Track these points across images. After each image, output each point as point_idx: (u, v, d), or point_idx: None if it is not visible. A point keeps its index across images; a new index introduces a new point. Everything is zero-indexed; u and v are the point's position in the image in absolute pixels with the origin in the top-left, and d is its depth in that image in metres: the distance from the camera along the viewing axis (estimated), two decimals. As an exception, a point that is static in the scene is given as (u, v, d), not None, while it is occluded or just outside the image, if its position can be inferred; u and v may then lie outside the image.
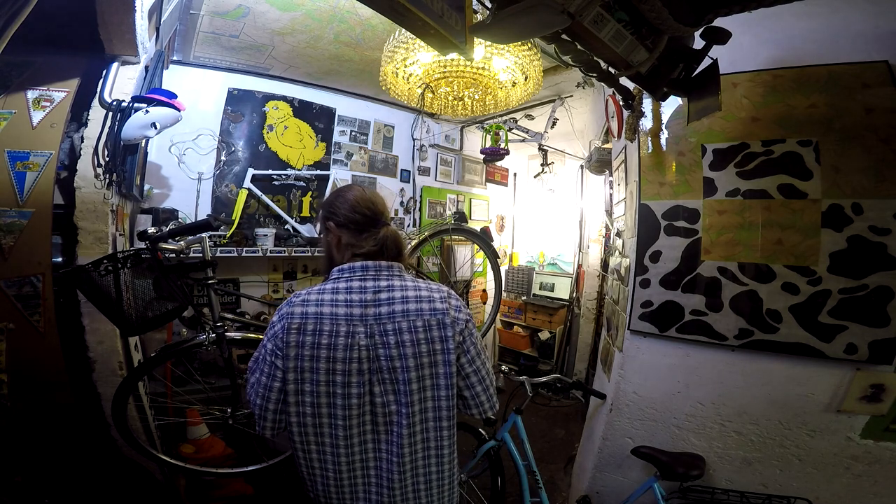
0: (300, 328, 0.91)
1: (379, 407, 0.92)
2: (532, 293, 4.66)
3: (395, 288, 0.95)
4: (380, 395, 0.92)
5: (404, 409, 0.91)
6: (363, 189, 1.07)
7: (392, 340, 0.91)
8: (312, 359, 0.90)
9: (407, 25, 1.10)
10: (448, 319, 0.94)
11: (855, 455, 1.45)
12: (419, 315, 0.93)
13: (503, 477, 1.93)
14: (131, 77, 1.90)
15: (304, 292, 0.96)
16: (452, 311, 0.96)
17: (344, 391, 0.89)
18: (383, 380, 0.91)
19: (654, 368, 1.73)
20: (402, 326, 0.92)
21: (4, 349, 1.64)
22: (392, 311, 0.93)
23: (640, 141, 1.80)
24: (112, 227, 1.85)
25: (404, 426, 0.91)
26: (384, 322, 0.92)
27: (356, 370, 0.90)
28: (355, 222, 1.01)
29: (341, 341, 0.90)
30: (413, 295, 0.95)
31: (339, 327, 0.91)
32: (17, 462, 1.67)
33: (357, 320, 0.91)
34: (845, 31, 1.45)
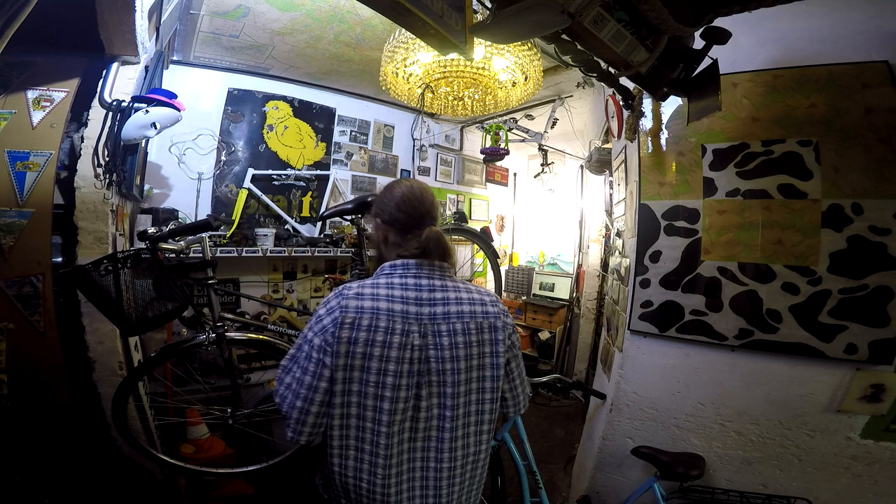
0: (354, 323, 0.85)
1: (422, 411, 0.88)
2: (532, 293, 4.66)
3: (449, 288, 0.93)
4: (425, 399, 0.88)
5: (448, 413, 0.88)
6: (412, 185, 1.01)
7: (446, 342, 0.88)
8: (365, 357, 0.85)
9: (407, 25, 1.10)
10: (499, 323, 0.94)
11: (855, 455, 1.45)
12: (473, 317, 0.91)
13: (503, 477, 1.93)
14: (131, 77, 1.90)
15: (356, 285, 0.92)
16: (502, 315, 0.96)
17: (393, 394, 0.85)
18: (430, 382, 0.88)
19: (654, 368, 1.73)
20: (457, 328, 0.89)
21: (4, 349, 1.64)
22: (447, 312, 0.90)
23: (640, 141, 1.80)
24: (112, 227, 1.85)
25: (446, 430, 0.89)
26: (439, 322, 0.89)
27: (407, 371, 0.86)
28: (400, 221, 0.97)
29: (396, 339, 0.86)
30: (466, 297, 0.93)
31: (394, 324, 0.86)
32: (17, 462, 1.67)
33: (412, 318, 0.88)
34: (845, 31, 1.45)
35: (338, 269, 3.25)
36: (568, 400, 3.77)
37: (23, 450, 1.68)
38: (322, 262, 3.20)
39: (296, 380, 0.89)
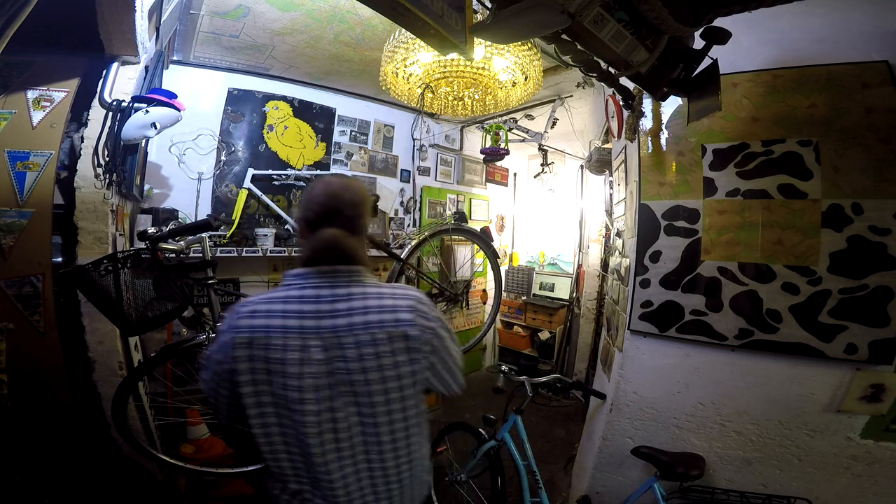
0: (249, 342, 0.84)
1: (342, 422, 0.85)
2: (532, 293, 4.65)
3: (354, 297, 0.86)
4: (342, 410, 0.85)
5: (370, 421, 0.86)
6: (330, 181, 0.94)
7: (352, 354, 0.83)
8: (268, 372, 0.83)
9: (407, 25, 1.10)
10: (415, 331, 0.86)
11: (855, 455, 1.45)
12: (382, 327, 0.84)
13: (503, 477, 1.93)
14: (131, 77, 1.90)
15: (252, 301, 0.89)
16: (420, 319, 0.88)
17: (302, 407, 0.83)
18: (343, 393, 0.84)
19: (654, 368, 1.73)
20: (363, 340, 0.83)
21: (4, 349, 1.64)
22: (352, 324, 0.84)
23: (640, 141, 1.80)
24: (112, 227, 1.85)
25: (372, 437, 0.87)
26: (342, 335, 0.83)
27: (311, 386, 0.83)
28: (308, 220, 0.92)
29: (294, 356, 0.83)
30: (375, 304, 0.86)
31: (290, 341, 0.83)
32: (17, 462, 1.67)
33: (311, 333, 0.83)
34: (845, 31, 1.45)
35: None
36: (568, 400, 3.77)
37: (23, 450, 1.68)
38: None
39: (205, 380, 0.93)
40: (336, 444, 0.85)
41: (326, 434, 0.85)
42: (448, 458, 2.38)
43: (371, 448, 0.88)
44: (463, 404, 3.82)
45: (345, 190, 0.93)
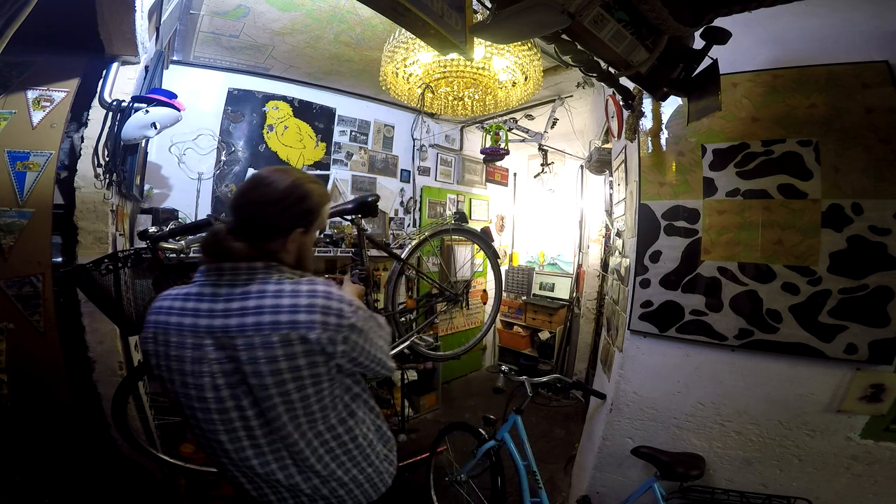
0: (154, 338, 0.85)
1: (252, 419, 0.83)
2: (532, 293, 4.65)
3: (250, 296, 0.82)
4: (249, 409, 0.83)
5: (274, 417, 0.83)
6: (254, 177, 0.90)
7: (244, 356, 0.79)
8: (169, 370, 0.84)
9: (407, 25, 1.10)
10: (314, 334, 0.79)
11: (855, 455, 1.45)
12: (275, 329, 0.79)
13: (503, 477, 1.93)
14: (131, 77, 1.90)
15: (165, 296, 0.89)
16: (325, 318, 0.81)
17: (202, 405, 0.83)
18: (245, 392, 0.82)
19: (654, 368, 1.73)
20: (255, 342, 0.79)
21: (4, 349, 1.64)
22: (243, 324, 0.79)
23: (640, 141, 1.80)
24: (112, 227, 1.85)
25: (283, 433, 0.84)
26: (234, 336, 0.80)
27: (210, 385, 0.81)
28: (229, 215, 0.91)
29: (188, 354, 0.82)
30: (270, 304, 0.80)
31: (185, 339, 0.82)
32: (17, 462, 1.67)
33: (203, 331, 0.81)
34: (845, 31, 1.45)
35: (338, 269, 3.24)
36: (568, 400, 3.77)
37: (23, 450, 1.68)
38: (322, 262, 3.20)
39: None
40: (251, 440, 0.85)
41: (240, 431, 0.84)
42: (448, 458, 2.38)
43: (288, 443, 0.86)
44: (463, 404, 3.82)
45: (255, 188, 0.87)
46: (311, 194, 0.90)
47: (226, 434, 0.84)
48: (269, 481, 0.88)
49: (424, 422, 3.46)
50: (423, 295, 2.57)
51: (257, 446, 0.85)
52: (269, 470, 0.87)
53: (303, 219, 0.90)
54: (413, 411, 3.49)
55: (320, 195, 0.93)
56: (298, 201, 0.88)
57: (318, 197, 0.92)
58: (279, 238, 0.88)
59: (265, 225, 0.86)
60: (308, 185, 0.90)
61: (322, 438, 0.89)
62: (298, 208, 0.88)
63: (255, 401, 0.82)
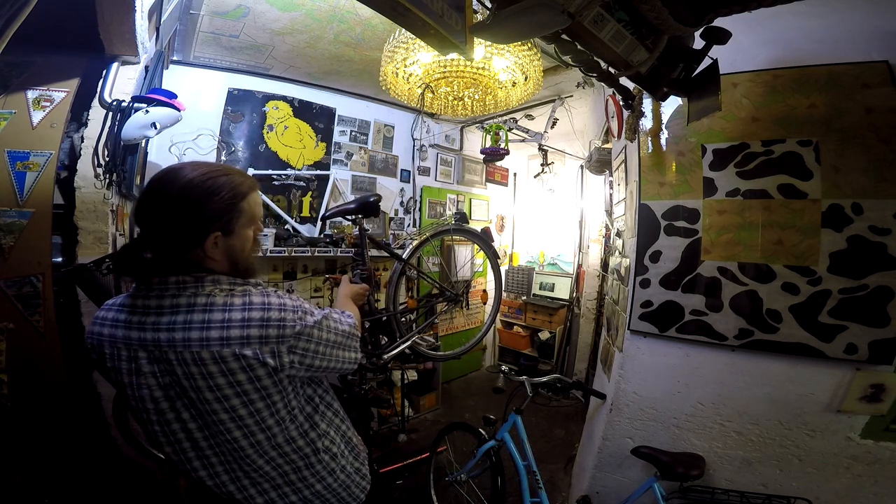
0: (92, 348, 0.82)
1: (196, 432, 0.80)
2: (532, 293, 4.66)
3: (179, 309, 0.76)
4: (192, 421, 0.79)
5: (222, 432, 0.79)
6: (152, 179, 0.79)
7: (179, 371, 0.75)
8: (112, 381, 0.82)
9: (407, 25, 1.10)
10: (249, 350, 0.75)
11: (855, 455, 1.45)
12: (205, 346, 0.74)
13: (503, 477, 1.93)
14: (131, 77, 1.90)
15: (106, 304, 0.84)
16: (257, 331, 0.75)
17: (144, 416, 0.80)
18: (186, 406, 0.78)
19: (654, 368, 1.73)
20: (186, 358, 0.74)
21: (4, 349, 1.64)
22: (171, 340, 0.74)
23: (640, 141, 1.80)
24: (112, 227, 1.85)
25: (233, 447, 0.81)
26: (165, 350, 0.75)
27: (148, 397, 0.78)
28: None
29: (123, 366, 0.78)
30: (199, 319, 0.75)
31: (119, 350, 0.78)
32: (17, 462, 1.67)
33: (136, 344, 0.77)
34: (845, 31, 1.45)
35: (338, 269, 3.25)
36: (568, 400, 3.77)
37: (23, 450, 1.68)
38: (322, 262, 3.20)
39: None
40: (196, 451, 0.82)
41: (184, 443, 0.81)
42: (448, 458, 2.38)
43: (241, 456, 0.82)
44: (463, 404, 3.82)
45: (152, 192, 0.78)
46: (218, 190, 0.78)
47: (169, 446, 0.82)
48: (220, 493, 0.86)
49: (424, 422, 3.46)
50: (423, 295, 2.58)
51: (204, 457, 0.83)
52: (220, 482, 0.84)
53: (215, 220, 0.78)
54: (413, 411, 3.49)
55: (235, 185, 0.81)
56: (201, 202, 0.77)
57: (232, 189, 0.80)
58: (194, 247, 0.78)
59: (171, 235, 0.77)
60: (214, 180, 0.78)
61: (282, 450, 0.84)
62: (205, 210, 0.77)
63: (198, 413, 0.79)
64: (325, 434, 0.91)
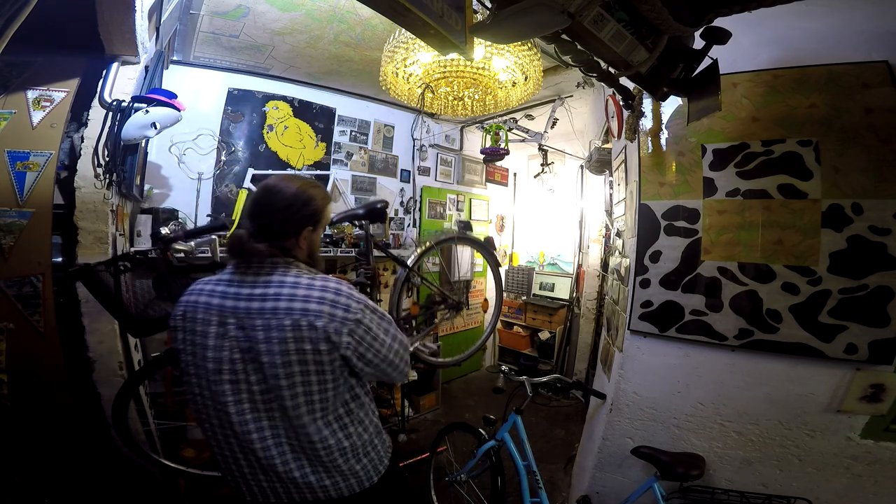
0: (184, 315, 0.99)
1: (258, 395, 0.94)
2: (532, 293, 4.66)
3: (270, 284, 0.96)
4: (257, 384, 0.94)
5: (277, 399, 0.93)
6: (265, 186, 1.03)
7: (260, 336, 0.92)
8: (192, 344, 0.97)
9: (407, 25, 1.10)
10: (320, 322, 0.91)
11: (855, 455, 1.45)
12: (288, 314, 0.91)
13: (503, 477, 1.93)
14: (131, 77, 1.90)
15: (201, 280, 1.04)
16: (329, 308, 0.93)
17: (218, 377, 0.94)
18: (257, 369, 0.93)
19: (654, 368, 1.73)
20: (271, 324, 0.91)
21: (4, 349, 1.64)
22: (262, 308, 0.93)
23: (640, 141, 1.80)
24: (112, 227, 1.85)
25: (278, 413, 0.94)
26: (254, 317, 0.93)
27: (227, 358, 0.93)
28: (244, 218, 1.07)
29: (213, 330, 0.95)
30: (287, 293, 0.94)
31: (210, 316, 0.96)
32: (17, 462, 1.67)
33: (229, 311, 0.95)
34: (845, 31, 1.45)
35: (338, 268, 3.24)
36: (568, 400, 3.77)
37: (23, 450, 1.68)
38: (322, 262, 3.20)
39: None
40: (254, 412, 0.95)
41: (245, 403, 0.94)
42: (448, 458, 2.38)
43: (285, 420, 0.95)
44: (463, 404, 3.82)
45: (267, 195, 1.01)
46: (314, 198, 1.04)
47: (234, 405, 0.94)
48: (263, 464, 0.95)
49: (424, 422, 3.46)
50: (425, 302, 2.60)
51: (258, 420, 0.95)
52: (266, 445, 0.95)
53: (310, 219, 1.04)
54: (413, 411, 3.49)
55: (322, 198, 1.07)
56: (304, 205, 1.02)
57: (321, 200, 1.06)
58: (292, 237, 1.01)
59: (279, 227, 1.00)
60: (310, 191, 1.04)
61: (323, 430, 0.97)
62: (305, 211, 1.02)
63: (264, 378, 0.93)
64: (359, 422, 1.05)
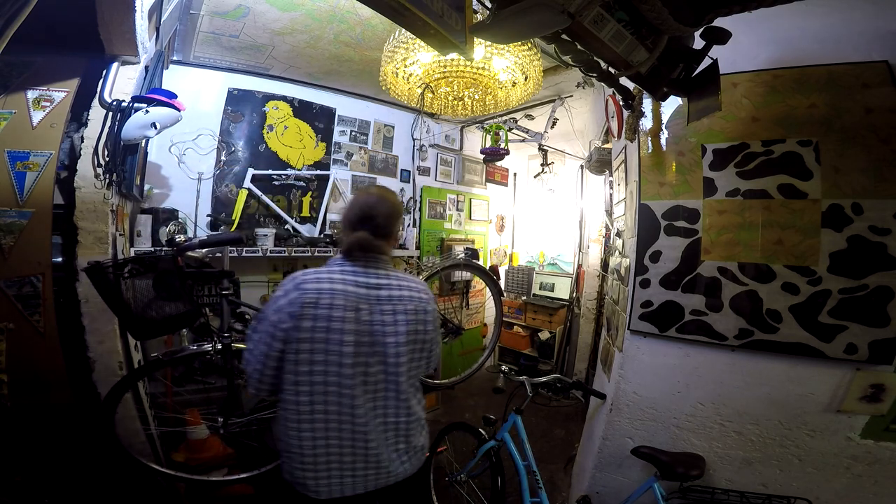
0: (316, 302, 1.04)
1: (371, 376, 1.08)
2: (532, 293, 4.65)
3: (390, 276, 1.15)
4: (374, 365, 1.08)
5: (391, 377, 1.10)
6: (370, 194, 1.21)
7: (389, 319, 1.09)
8: (328, 330, 1.04)
9: (407, 25, 1.10)
10: (429, 307, 1.17)
11: (855, 455, 1.45)
12: (410, 300, 1.14)
13: (503, 477, 1.93)
14: (131, 77, 1.90)
15: (310, 272, 1.10)
16: (430, 302, 1.19)
17: (353, 360, 1.05)
18: (376, 352, 1.08)
19: (654, 368, 1.73)
20: (398, 308, 1.11)
21: (4, 349, 1.64)
22: (390, 296, 1.12)
23: (640, 141, 1.80)
24: (112, 227, 1.85)
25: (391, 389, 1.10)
26: (383, 303, 1.10)
27: (357, 341, 1.06)
28: (349, 221, 1.19)
29: (351, 314, 1.06)
30: (405, 284, 1.16)
31: (349, 302, 1.07)
32: (17, 462, 1.67)
33: (362, 298, 1.09)
34: (845, 31, 1.45)
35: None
36: (568, 400, 3.77)
37: (23, 450, 1.68)
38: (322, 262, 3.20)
39: (254, 346, 1.09)
40: (373, 397, 1.09)
41: (359, 387, 1.07)
42: (448, 458, 2.38)
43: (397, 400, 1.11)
44: (463, 404, 3.82)
45: (380, 203, 1.18)
46: (402, 206, 1.31)
47: (350, 378, 1.05)
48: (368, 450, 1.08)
49: (424, 422, 3.45)
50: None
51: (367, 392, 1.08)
52: (366, 420, 1.07)
53: (400, 223, 1.25)
54: (413, 411, 3.48)
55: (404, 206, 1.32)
56: (400, 211, 1.24)
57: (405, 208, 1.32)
58: (391, 238, 1.20)
59: (385, 230, 1.18)
60: (398, 200, 1.27)
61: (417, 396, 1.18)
62: (399, 216, 1.24)
63: (383, 361, 1.09)
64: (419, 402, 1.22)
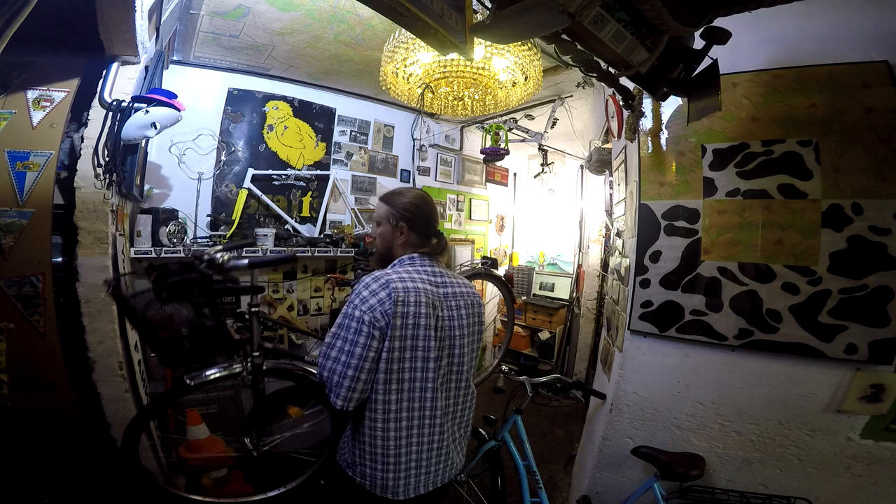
0: (405, 301, 1.06)
1: (443, 369, 1.14)
2: (532, 293, 4.65)
3: (445, 274, 1.21)
4: (445, 358, 1.15)
5: (455, 368, 1.17)
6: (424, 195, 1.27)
7: (456, 314, 1.17)
8: (416, 327, 1.07)
9: (407, 25, 1.10)
10: (480, 301, 1.26)
11: (855, 455, 1.45)
12: (466, 296, 1.21)
13: (503, 477, 1.93)
14: (131, 77, 1.90)
15: (388, 272, 1.13)
16: (478, 295, 1.27)
17: (437, 354, 1.11)
18: (446, 345, 1.15)
19: (654, 368, 1.73)
20: (462, 304, 1.19)
21: (4, 349, 1.64)
22: (455, 293, 1.19)
23: (640, 141, 1.80)
24: (112, 227, 1.85)
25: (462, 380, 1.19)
26: (450, 300, 1.17)
27: (438, 336, 1.12)
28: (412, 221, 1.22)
29: (433, 311, 1.11)
30: (458, 281, 1.23)
31: (430, 299, 1.11)
32: (17, 462, 1.67)
33: (435, 296, 1.13)
34: (845, 31, 1.45)
35: (338, 268, 3.24)
36: (568, 400, 3.77)
37: (23, 450, 1.68)
38: (322, 262, 3.20)
39: (344, 352, 1.05)
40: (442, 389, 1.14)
41: (438, 382, 1.13)
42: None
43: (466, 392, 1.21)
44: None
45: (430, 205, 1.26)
46: None
47: (433, 373, 1.11)
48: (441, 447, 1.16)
49: (424, 422, 3.45)
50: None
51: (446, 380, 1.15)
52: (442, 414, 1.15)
53: None
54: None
55: None
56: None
57: None
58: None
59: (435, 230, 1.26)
60: None
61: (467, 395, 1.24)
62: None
63: (453, 354, 1.16)
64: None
